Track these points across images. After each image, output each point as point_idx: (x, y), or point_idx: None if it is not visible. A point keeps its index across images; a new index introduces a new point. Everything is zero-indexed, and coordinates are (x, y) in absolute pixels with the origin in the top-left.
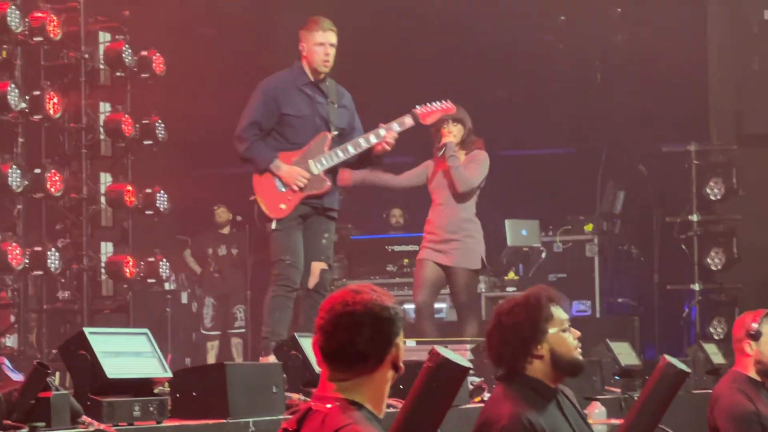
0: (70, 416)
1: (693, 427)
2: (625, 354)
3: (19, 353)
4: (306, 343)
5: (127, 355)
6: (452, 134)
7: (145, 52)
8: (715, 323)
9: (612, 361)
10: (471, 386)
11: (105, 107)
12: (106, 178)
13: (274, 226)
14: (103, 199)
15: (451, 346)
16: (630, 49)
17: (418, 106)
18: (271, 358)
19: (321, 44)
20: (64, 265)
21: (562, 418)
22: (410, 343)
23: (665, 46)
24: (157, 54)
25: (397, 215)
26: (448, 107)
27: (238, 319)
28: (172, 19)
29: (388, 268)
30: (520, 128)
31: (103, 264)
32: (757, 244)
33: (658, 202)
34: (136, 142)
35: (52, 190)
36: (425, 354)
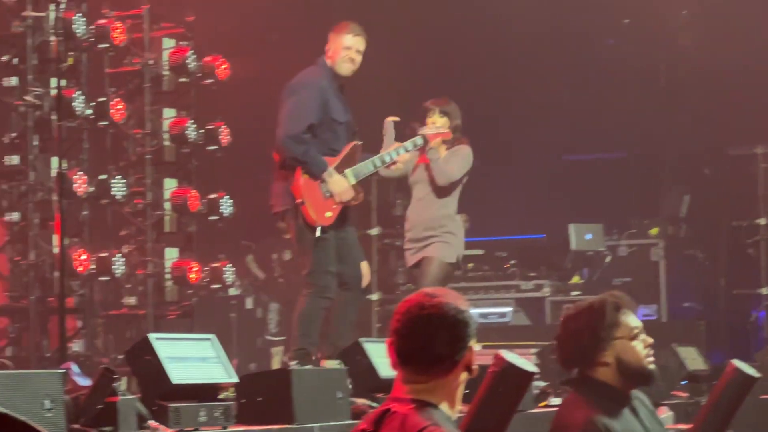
0: (136, 421)
1: None
2: (692, 359)
3: (85, 358)
4: (371, 348)
5: (192, 360)
6: (435, 125)
7: (209, 58)
8: None
9: (679, 366)
10: (536, 391)
11: (169, 113)
12: (170, 184)
13: (319, 233)
14: (168, 204)
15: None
16: (695, 52)
17: (424, 128)
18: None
19: (348, 48)
20: (129, 270)
21: (638, 424)
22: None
23: (731, 48)
24: (221, 59)
25: (462, 219)
26: (447, 132)
27: None
28: (236, 24)
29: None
30: (583, 132)
31: (167, 269)
32: None
33: (725, 205)
34: (200, 148)
35: (117, 195)
36: (490, 358)
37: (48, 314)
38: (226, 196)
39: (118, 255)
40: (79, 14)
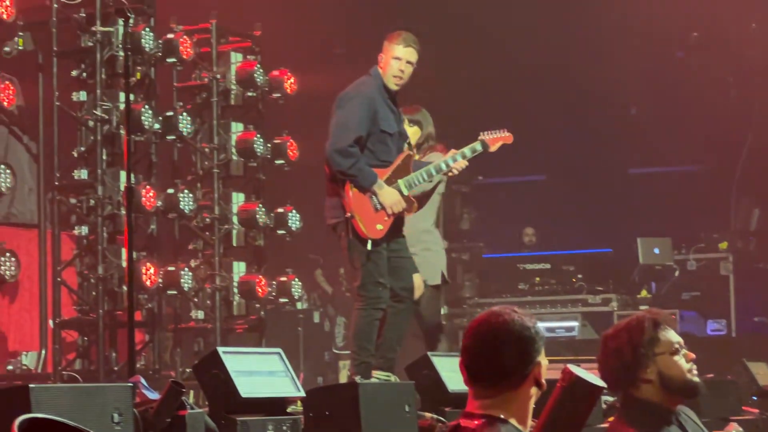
0: None
1: None
2: (763, 374)
3: (153, 372)
4: (439, 362)
5: (260, 374)
6: None
7: (276, 72)
8: None
9: (749, 382)
10: (604, 406)
11: (237, 127)
12: (238, 198)
13: (370, 246)
14: (235, 218)
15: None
16: (766, 63)
17: (484, 133)
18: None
19: (398, 59)
20: (197, 284)
21: None
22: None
23: None
24: (289, 74)
25: (529, 234)
26: (508, 136)
27: None
28: (303, 38)
29: (519, 287)
30: (650, 145)
31: (235, 284)
32: None
33: None
34: (268, 162)
35: (185, 209)
36: (557, 372)
37: (116, 328)
38: (294, 210)
39: (186, 269)
40: (148, 29)
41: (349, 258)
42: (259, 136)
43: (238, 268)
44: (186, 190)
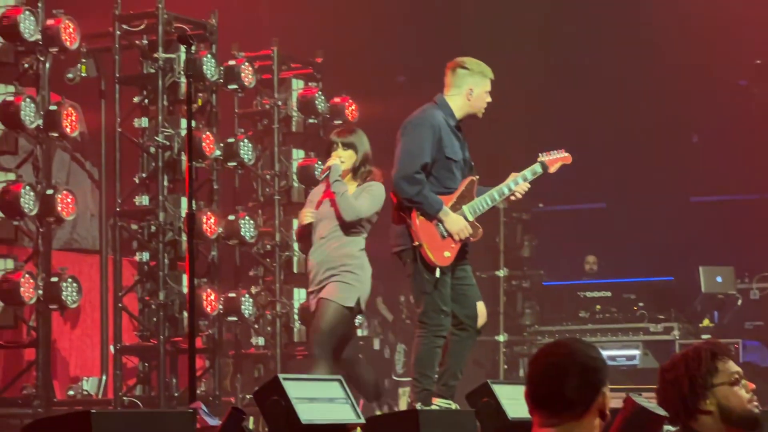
0: None
1: None
2: None
3: (214, 398)
4: (499, 390)
5: (320, 401)
6: (340, 159)
7: (337, 99)
8: None
9: None
10: None
11: (298, 154)
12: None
13: (438, 274)
14: (296, 245)
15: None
16: None
17: (542, 154)
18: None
19: (488, 92)
20: (257, 311)
21: None
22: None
23: None
24: (350, 101)
25: (591, 262)
26: (567, 156)
27: None
28: (364, 65)
29: (580, 315)
30: (713, 174)
31: (296, 310)
32: None
33: None
34: None
35: (246, 236)
36: (618, 401)
37: (177, 354)
38: None
39: (247, 295)
40: (209, 55)
41: (415, 286)
42: (320, 162)
43: (299, 295)
44: (247, 217)
